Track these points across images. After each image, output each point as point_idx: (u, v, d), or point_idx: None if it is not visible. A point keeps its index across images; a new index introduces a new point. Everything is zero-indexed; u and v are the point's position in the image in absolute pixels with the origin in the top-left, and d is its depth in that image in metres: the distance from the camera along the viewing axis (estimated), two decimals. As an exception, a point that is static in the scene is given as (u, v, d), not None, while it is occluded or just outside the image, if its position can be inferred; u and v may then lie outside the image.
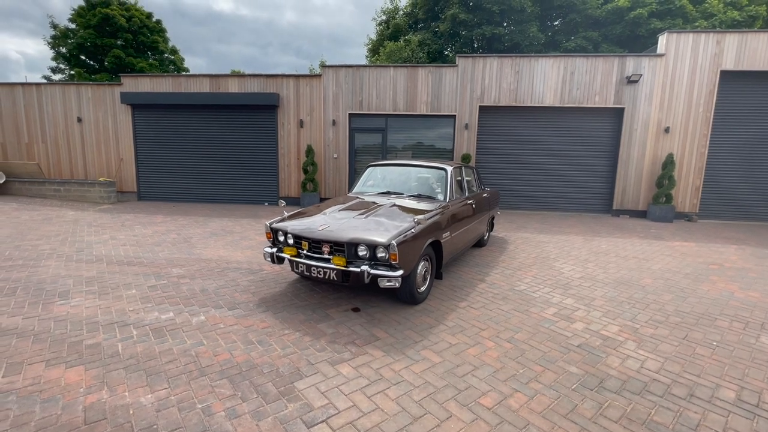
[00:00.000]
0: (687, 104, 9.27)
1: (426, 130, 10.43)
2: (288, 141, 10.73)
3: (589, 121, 9.86)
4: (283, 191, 10.95)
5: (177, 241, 6.20)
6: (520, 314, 3.64)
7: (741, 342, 3.21)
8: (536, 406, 2.31)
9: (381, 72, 10.12)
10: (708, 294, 4.34)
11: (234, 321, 3.34)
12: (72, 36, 24.25)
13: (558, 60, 9.60)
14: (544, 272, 4.99)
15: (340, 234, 3.46)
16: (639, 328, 3.42)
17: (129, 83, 10.96)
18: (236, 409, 2.20)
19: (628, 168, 9.69)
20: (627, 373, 2.68)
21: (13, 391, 2.32)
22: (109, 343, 2.91)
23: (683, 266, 5.43)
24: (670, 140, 9.45)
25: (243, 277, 4.53)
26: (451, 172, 4.87)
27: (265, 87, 10.52)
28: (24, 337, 2.97)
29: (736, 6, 17.60)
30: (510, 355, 2.90)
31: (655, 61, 9.22)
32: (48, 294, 3.87)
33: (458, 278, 4.65)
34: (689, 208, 9.63)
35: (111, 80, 22.61)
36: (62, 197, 10.68)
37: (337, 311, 3.58)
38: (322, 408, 2.24)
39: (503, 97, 9.82)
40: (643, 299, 4.12)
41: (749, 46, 8.87)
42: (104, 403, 2.23)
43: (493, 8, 18.15)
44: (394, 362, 2.75)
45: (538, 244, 6.60)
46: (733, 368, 2.79)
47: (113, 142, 11.25)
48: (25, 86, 11.28)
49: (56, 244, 5.90)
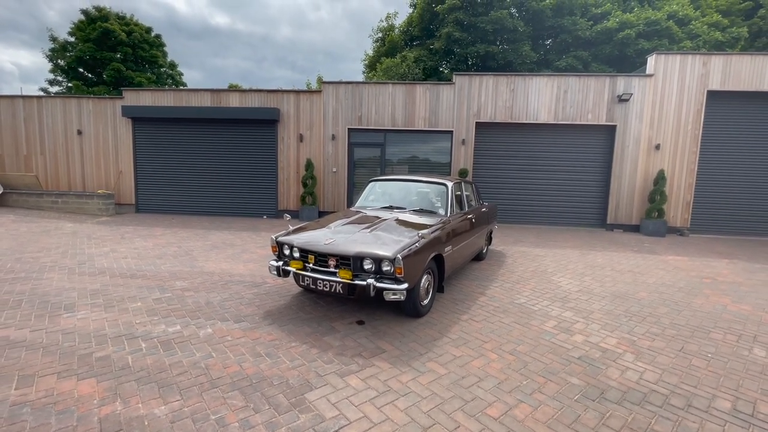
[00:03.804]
0: (676, 122, 9.59)
1: (423, 145, 10.64)
2: (288, 155, 10.86)
3: (583, 138, 10.14)
4: (283, 205, 11.03)
5: (178, 254, 6.23)
6: (521, 327, 3.73)
7: (735, 354, 3.32)
8: (541, 416, 2.38)
9: (380, 88, 10.36)
10: (702, 307, 4.46)
11: (241, 333, 3.39)
12: (71, 49, 24.46)
13: (551, 79, 9.91)
14: (543, 285, 5.09)
15: (346, 248, 3.54)
16: (636, 340, 3.52)
17: (130, 97, 11.09)
18: (249, 420, 2.25)
19: (621, 183, 9.93)
20: (627, 384, 2.77)
21: (27, 403, 2.35)
22: (118, 356, 2.94)
23: (677, 280, 5.57)
24: (661, 157, 9.72)
25: (247, 290, 4.57)
26: (451, 187, 5.00)
27: (266, 102, 10.70)
28: (33, 350, 2.99)
29: (719, 27, 18.30)
30: (513, 366, 2.98)
31: (644, 80, 9.56)
32: (53, 306, 3.89)
33: (459, 291, 4.73)
34: (681, 223, 9.86)
35: (110, 93, 22.75)
36: (60, 209, 10.65)
37: (342, 324, 3.64)
38: (334, 419, 2.29)
39: (499, 114, 10.08)
40: (639, 312, 4.23)
41: (734, 67, 9.25)
42: (119, 414, 2.26)
43: (487, 27, 18.69)
44: (401, 374, 2.81)
45: (536, 257, 6.72)
46: (728, 379, 2.89)
47: (113, 155, 11.30)
48: (26, 99, 11.35)
49: (57, 256, 5.91)
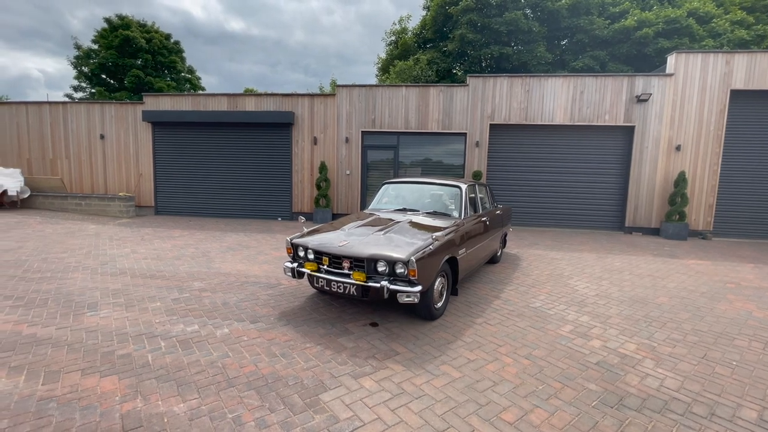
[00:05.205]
0: (698, 122, 9.33)
1: (437, 147, 10.61)
2: (302, 158, 10.98)
3: (600, 139, 9.95)
4: (297, 207, 11.15)
5: (195, 255, 6.36)
6: (537, 331, 3.68)
7: (761, 362, 3.20)
8: (557, 422, 2.34)
9: (393, 91, 10.39)
10: (725, 313, 4.32)
11: (257, 334, 3.44)
12: (94, 56, 25.31)
13: (567, 79, 9.78)
14: (559, 289, 5.01)
15: (361, 250, 3.56)
16: (657, 346, 3.43)
17: (150, 102, 11.40)
18: (265, 420, 2.28)
19: (640, 185, 9.70)
20: (646, 391, 2.71)
21: (53, 398, 2.43)
22: (139, 354, 3.02)
23: (699, 285, 5.41)
24: (682, 158, 9.47)
25: (262, 291, 4.64)
26: (465, 189, 4.98)
27: (281, 105, 10.85)
28: (59, 347, 3.10)
29: (744, 25, 17.74)
30: (528, 371, 2.94)
31: (664, 80, 9.34)
32: (77, 305, 4.02)
33: (473, 294, 4.70)
34: (703, 226, 9.57)
35: (130, 98, 23.43)
36: (83, 211, 11.00)
37: (356, 326, 3.66)
38: (348, 420, 2.30)
39: (513, 116, 9.99)
40: (659, 317, 4.12)
41: (759, 65, 8.96)
42: (139, 411, 2.33)
43: (501, 29, 18.56)
44: (414, 376, 2.81)
45: (551, 261, 6.62)
46: (754, 388, 2.80)
47: (133, 158, 11.63)
48: (52, 105, 11.79)
49: (81, 257, 6.10)
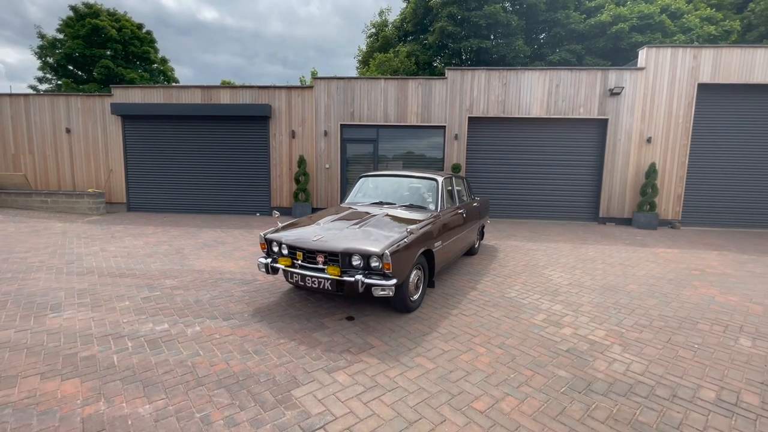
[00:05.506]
0: (667, 115, 9.62)
1: (416, 140, 10.61)
2: (280, 151, 10.79)
3: (575, 132, 10.15)
4: (275, 201, 10.98)
5: (169, 252, 6.18)
6: (511, 321, 3.74)
7: (721, 344, 3.34)
8: (527, 409, 2.39)
9: (372, 84, 10.30)
10: (690, 299, 4.50)
11: (229, 331, 3.37)
12: (60, 46, 24.11)
13: (543, 73, 9.90)
14: (534, 279, 5.11)
15: (335, 244, 3.53)
16: (625, 332, 3.54)
17: (120, 94, 10.95)
18: (235, 418, 2.23)
19: (613, 177, 9.97)
20: (613, 376, 2.79)
21: (8, 404, 2.32)
22: (104, 355, 2.91)
23: (667, 272, 5.61)
24: (652, 150, 9.77)
25: (237, 287, 4.55)
26: (441, 182, 4.99)
27: (258, 98, 10.61)
28: (17, 351, 2.96)
29: (712, 21, 18.36)
30: (501, 360, 2.98)
31: (636, 74, 9.58)
32: (39, 307, 3.84)
33: (450, 286, 4.74)
34: (672, 216, 9.93)
35: (100, 90, 22.47)
36: (49, 209, 10.53)
37: (332, 320, 3.63)
38: (320, 415, 2.28)
39: (491, 109, 10.07)
40: (628, 304, 4.26)
41: (724, 60, 9.28)
42: (102, 414, 2.24)
43: (480, 22, 18.64)
44: (388, 369, 2.81)
45: (528, 251, 6.74)
46: (714, 369, 2.92)
47: (102, 153, 11.18)
48: (13, 97, 11.18)
49: (45, 256, 5.84)
